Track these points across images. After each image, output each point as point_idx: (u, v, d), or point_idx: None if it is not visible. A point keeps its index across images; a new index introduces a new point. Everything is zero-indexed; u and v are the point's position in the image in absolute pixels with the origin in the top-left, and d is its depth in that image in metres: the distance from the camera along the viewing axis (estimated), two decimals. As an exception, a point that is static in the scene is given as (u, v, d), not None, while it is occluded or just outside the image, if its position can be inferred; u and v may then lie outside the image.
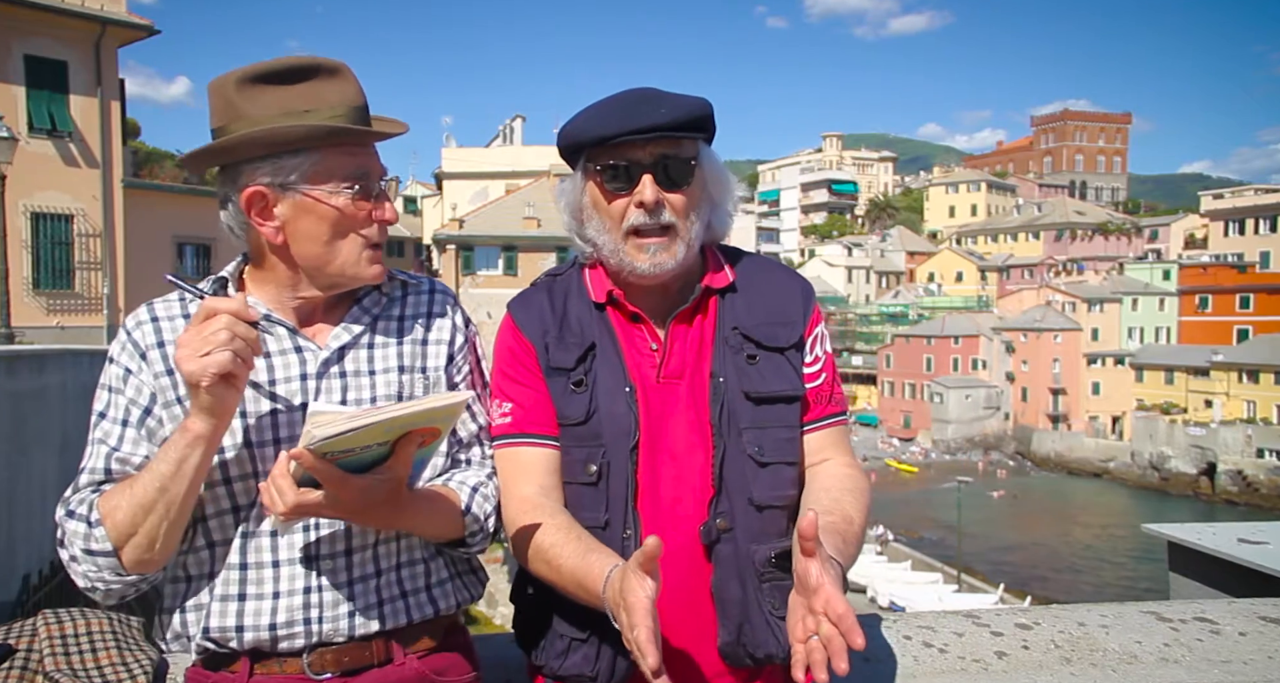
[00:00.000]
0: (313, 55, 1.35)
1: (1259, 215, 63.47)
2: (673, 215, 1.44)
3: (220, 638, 1.36)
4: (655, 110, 1.39)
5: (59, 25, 18.84)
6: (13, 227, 15.71)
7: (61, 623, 1.66)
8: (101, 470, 1.34)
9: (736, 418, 1.45)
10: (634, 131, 1.38)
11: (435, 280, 1.60)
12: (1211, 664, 2.05)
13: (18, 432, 9.03)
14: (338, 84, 1.34)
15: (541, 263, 34.83)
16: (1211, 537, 3.69)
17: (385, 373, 1.44)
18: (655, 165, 1.42)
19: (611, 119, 1.40)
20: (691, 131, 1.43)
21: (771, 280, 1.57)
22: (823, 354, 1.56)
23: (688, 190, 1.45)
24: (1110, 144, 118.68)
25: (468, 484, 1.47)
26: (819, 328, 1.57)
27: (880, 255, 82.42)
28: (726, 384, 1.46)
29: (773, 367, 1.48)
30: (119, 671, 1.61)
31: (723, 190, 1.52)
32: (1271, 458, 47.42)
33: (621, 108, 1.41)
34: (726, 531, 1.43)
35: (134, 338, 1.39)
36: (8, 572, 8.57)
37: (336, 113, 1.32)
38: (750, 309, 1.52)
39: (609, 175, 1.44)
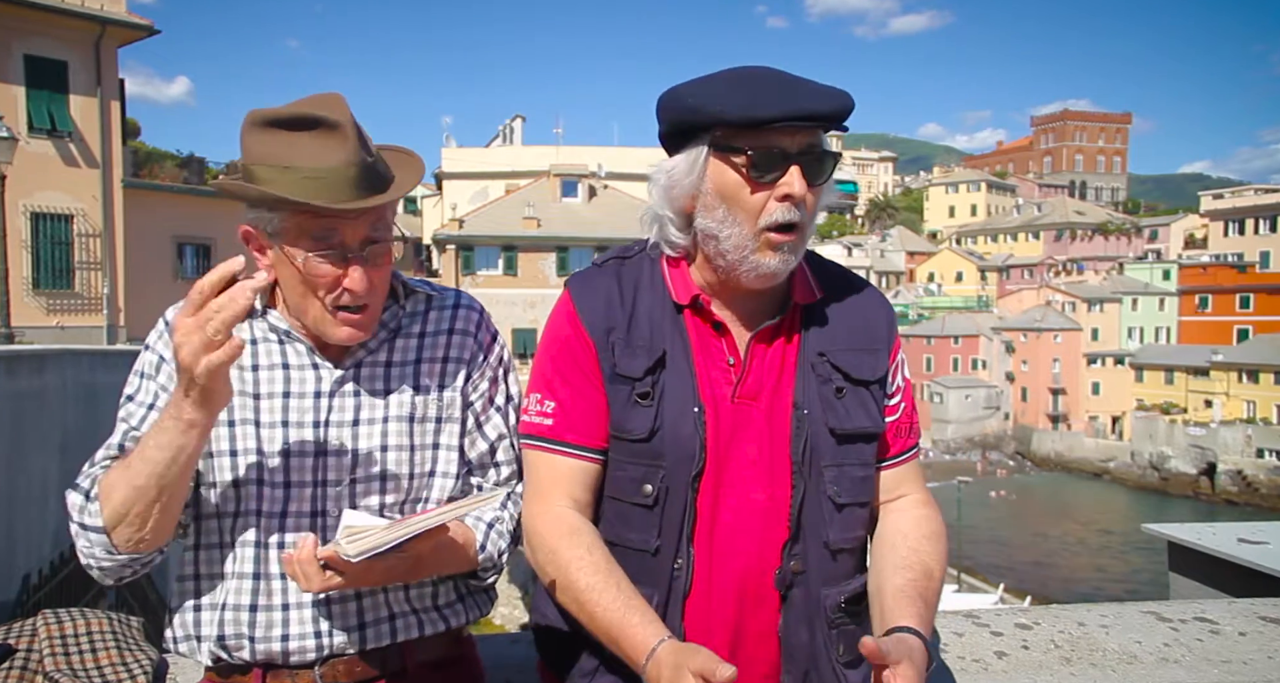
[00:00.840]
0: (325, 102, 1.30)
1: (1259, 215, 63.46)
2: (802, 215, 1.28)
3: (233, 646, 1.37)
4: (817, 96, 1.23)
5: (59, 25, 18.84)
6: (13, 227, 15.70)
7: (61, 623, 1.66)
8: (117, 446, 1.37)
9: (819, 455, 1.33)
10: (796, 117, 1.21)
11: (462, 294, 1.56)
12: (1211, 664, 2.04)
13: (18, 432, 9.03)
14: (329, 142, 1.28)
15: (541, 263, 34.84)
16: (1211, 537, 3.69)
17: (400, 392, 1.43)
18: (803, 156, 1.26)
19: (766, 99, 1.22)
20: (842, 125, 1.28)
21: (859, 301, 1.43)
22: (903, 383, 1.44)
23: (824, 188, 1.31)
24: (1110, 144, 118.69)
25: (484, 521, 1.46)
26: (900, 355, 1.45)
27: (880, 255, 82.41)
28: (810, 417, 1.33)
29: (858, 401, 1.36)
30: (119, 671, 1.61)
31: (830, 187, 1.36)
32: (1271, 458, 47.41)
33: (777, 88, 1.24)
34: (799, 573, 1.33)
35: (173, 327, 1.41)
36: (8, 572, 8.57)
37: (315, 175, 1.26)
38: (836, 333, 1.38)
39: (757, 162, 1.25)
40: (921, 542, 1.36)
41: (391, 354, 1.44)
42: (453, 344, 1.49)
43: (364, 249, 1.32)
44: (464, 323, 1.51)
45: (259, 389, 1.39)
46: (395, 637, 1.40)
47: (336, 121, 1.28)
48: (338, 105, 1.30)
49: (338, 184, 1.27)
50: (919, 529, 1.38)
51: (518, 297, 34.30)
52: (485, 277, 34.50)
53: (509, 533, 1.47)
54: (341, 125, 1.28)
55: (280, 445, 1.37)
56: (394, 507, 1.42)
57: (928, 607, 1.28)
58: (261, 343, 1.41)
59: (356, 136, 1.30)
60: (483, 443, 1.51)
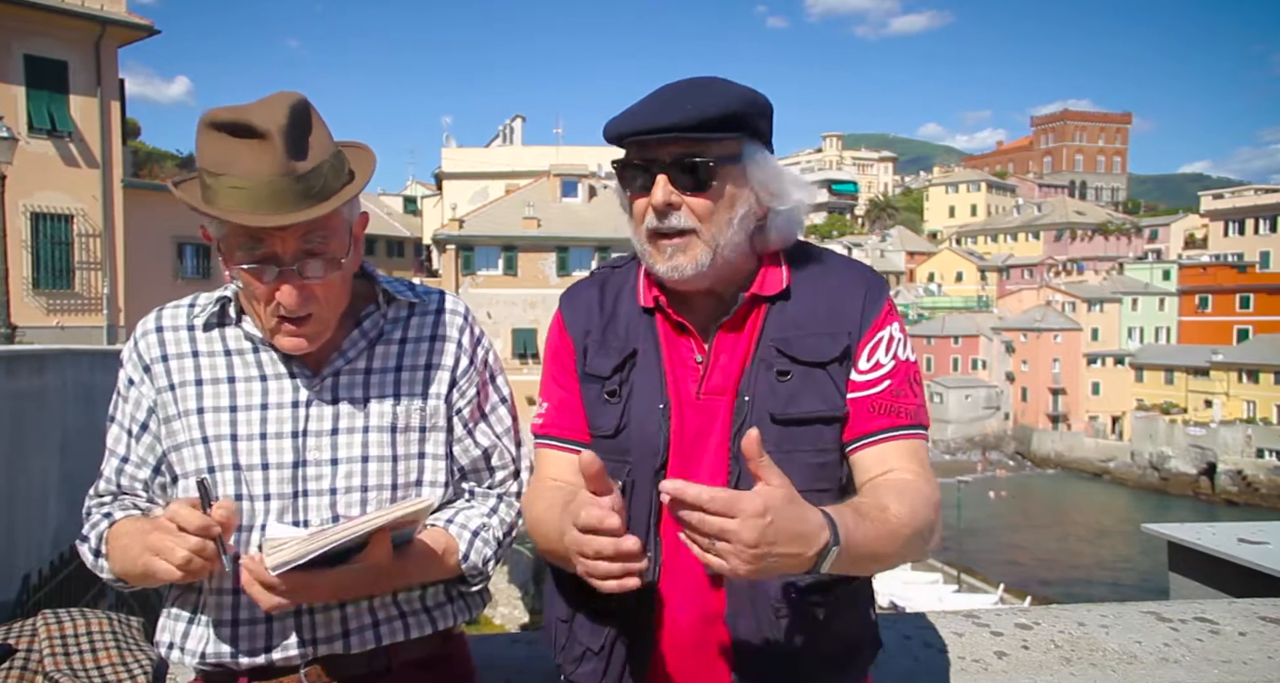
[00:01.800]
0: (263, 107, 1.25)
1: (1259, 215, 63.45)
2: (691, 219, 1.31)
3: (217, 662, 1.37)
4: (680, 107, 1.27)
5: (59, 25, 18.84)
6: (13, 227, 15.70)
7: (61, 623, 1.66)
8: (115, 484, 1.42)
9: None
10: (648, 131, 1.28)
11: (447, 297, 1.53)
12: (1211, 664, 2.04)
13: (18, 432, 9.03)
14: (257, 151, 1.22)
15: (541, 263, 34.83)
16: (1211, 537, 3.69)
17: (380, 401, 1.40)
18: (673, 165, 1.30)
19: (637, 116, 1.30)
20: (719, 131, 1.28)
21: (828, 284, 1.39)
22: (889, 360, 1.36)
23: (711, 193, 1.31)
24: (1110, 144, 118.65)
25: (469, 529, 1.43)
26: (885, 331, 1.37)
27: (880, 255, 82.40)
28: (752, 404, 1.32)
29: (809, 384, 1.33)
30: (119, 671, 1.61)
31: (775, 193, 1.35)
32: (1271, 458, 47.40)
33: (654, 103, 1.31)
34: None
35: (139, 348, 1.41)
36: (8, 572, 8.57)
37: (240, 184, 1.22)
38: (798, 319, 1.37)
39: (629, 175, 1.35)
40: (887, 493, 1.26)
41: (371, 361, 1.42)
42: (435, 350, 1.45)
43: (295, 262, 1.27)
44: (447, 328, 1.48)
45: (235, 402, 1.37)
46: (380, 641, 1.39)
47: (264, 130, 1.22)
48: (277, 110, 1.24)
49: (264, 196, 1.22)
50: (892, 486, 1.28)
51: (518, 297, 34.29)
52: (485, 277, 34.49)
53: (496, 540, 1.45)
54: (269, 134, 1.22)
55: (259, 458, 1.35)
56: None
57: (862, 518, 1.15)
58: (235, 355, 1.40)
59: (285, 146, 1.23)
60: (475, 450, 1.49)
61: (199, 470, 1.35)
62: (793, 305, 1.38)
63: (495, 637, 2.11)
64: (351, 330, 1.42)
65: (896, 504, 1.23)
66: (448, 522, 1.44)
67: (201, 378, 1.39)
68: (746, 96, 1.31)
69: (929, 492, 1.30)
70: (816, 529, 1.08)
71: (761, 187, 1.34)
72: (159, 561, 1.21)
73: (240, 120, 1.22)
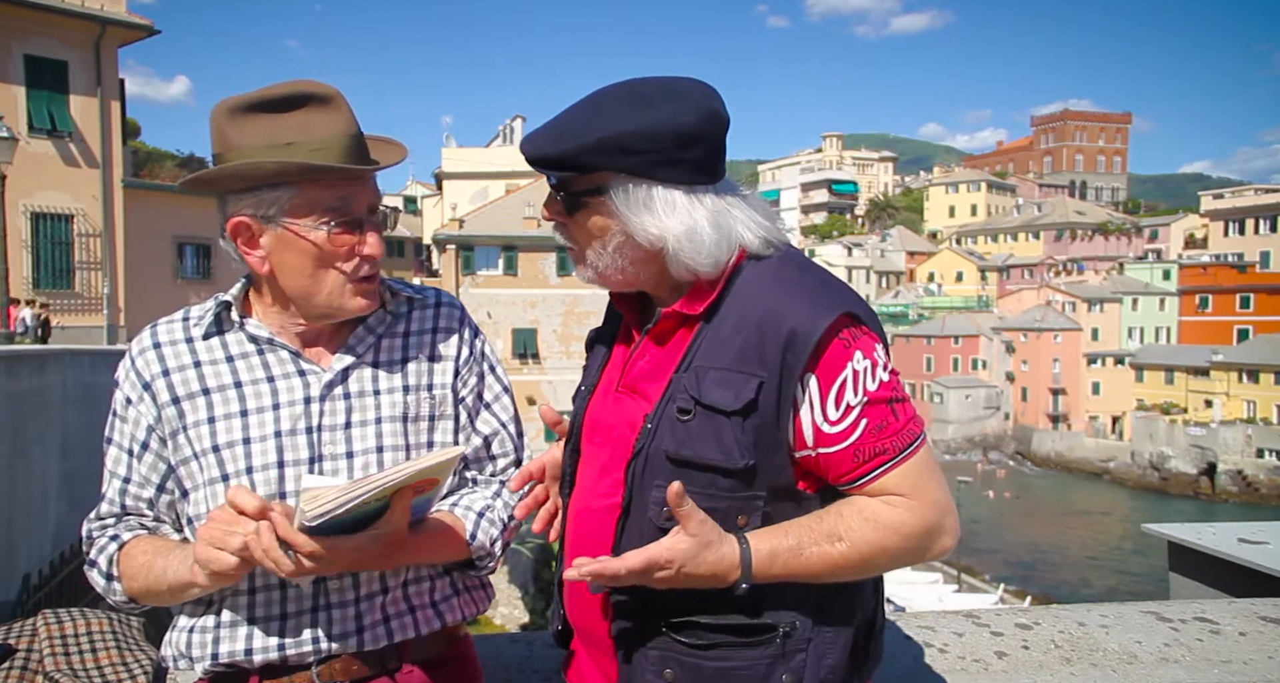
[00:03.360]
0: (306, 82, 1.32)
1: (1259, 215, 63.47)
2: (570, 240, 1.36)
3: (231, 661, 1.37)
4: (543, 139, 1.29)
5: (59, 25, 18.85)
6: (13, 227, 15.71)
7: (61, 623, 1.66)
8: (119, 505, 1.41)
9: (651, 473, 1.26)
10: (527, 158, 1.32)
11: (442, 293, 1.57)
12: (1211, 664, 2.05)
13: (18, 432, 9.03)
14: (326, 114, 1.31)
15: (541, 263, 34.83)
16: (1211, 537, 3.68)
17: (390, 393, 1.43)
18: (554, 188, 1.34)
19: (528, 137, 1.33)
20: (572, 169, 1.26)
21: (757, 313, 1.25)
22: (859, 399, 1.23)
23: (577, 220, 1.32)
24: (1110, 144, 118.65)
25: (474, 510, 1.46)
26: (845, 372, 1.23)
27: (880, 255, 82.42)
28: (653, 433, 1.26)
29: (708, 429, 1.23)
30: (119, 671, 1.62)
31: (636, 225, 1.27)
32: (1271, 458, 47.42)
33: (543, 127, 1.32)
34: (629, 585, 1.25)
35: (137, 367, 1.40)
36: (8, 572, 8.57)
37: (319, 145, 1.28)
38: (716, 350, 1.26)
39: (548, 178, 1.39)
40: (852, 516, 1.24)
41: (379, 355, 1.44)
42: (438, 342, 1.50)
43: (374, 215, 1.36)
44: (447, 321, 1.52)
45: (245, 406, 1.37)
46: (392, 638, 1.40)
47: (326, 94, 1.31)
48: (317, 83, 1.32)
49: (348, 151, 1.30)
50: (861, 509, 1.25)
51: (518, 297, 34.30)
52: (485, 277, 34.51)
53: (502, 521, 1.47)
54: (331, 96, 1.32)
55: (274, 456, 1.36)
56: None
57: (796, 552, 1.20)
58: (239, 359, 1.40)
59: (348, 108, 1.34)
60: (476, 438, 1.52)
61: (212, 480, 1.35)
62: (718, 331, 1.27)
63: (495, 637, 2.12)
64: (357, 327, 1.45)
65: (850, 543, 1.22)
66: (452, 506, 1.46)
67: (208, 387, 1.39)
68: (603, 135, 1.22)
69: (907, 520, 1.24)
70: (727, 570, 1.20)
71: (628, 221, 1.27)
72: (214, 552, 1.19)
73: (299, 92, 1.30)
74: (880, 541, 1.23)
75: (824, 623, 1.29)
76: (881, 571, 1.30)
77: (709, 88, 1.29)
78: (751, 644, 1.26)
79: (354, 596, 1.38)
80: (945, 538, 1.27)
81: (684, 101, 1.25)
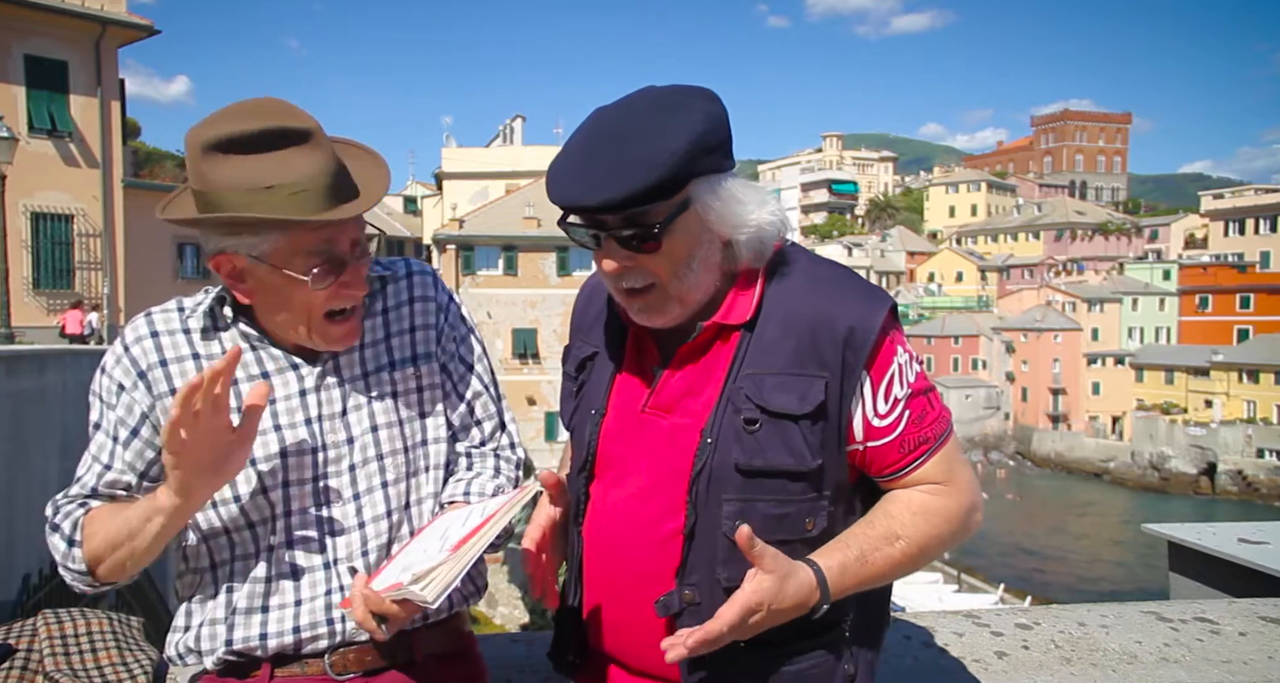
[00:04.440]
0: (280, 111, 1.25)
1: (1259, 215, 63.45)
2: (647, 277, 1.24)
3: (245, 649, 1.37)
4: (608, 181, 1.16)
5: (59, 25, 18.85)
6: (13, 227, 15.71)
7: (61, 623, 1.66)
8: (90, 488, 1.37)
9: (719, 487, 1.24)
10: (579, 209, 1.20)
11: (411, 261, 1.56)
12: (1211, 664, 2.04)
13: (18, 432, 9.03)
14: (305, 153, 1.25)
15: (541, 263, 34.83)
16: (1211, 537, 3.68)
17: (379, 372, 1.44)
18: (617, 230, 1.21)
19: (566, 186, 1.20)
20: (656, 200, 1.17)
21: (806, 313, 1.26)
22: (904, 391, 1.27)
23: (663, 251, 1.22)
24: (1110, 144, 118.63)
25: (486, 494, 1.48)
26: (892, 366, 1.27)
27: (880, 255, 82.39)
28: (715, 447, 1.25)
29: (777, 435, 1.23)
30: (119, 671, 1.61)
31: (734, 223, 1.24)
32: (1271, 458, 47.41)
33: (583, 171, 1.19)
34: (693, 604, 1.26)
35: (132, 354, 1.39)
36: (8, 572, 8.57)
37: (300, 188, 1.23)
38: (769, 354, 1.26)
39: (577, 234, 1.26)
40: (903, 511, 1.28)
41: (363, 337, 1.44)
42: (416, 312, 1.50)
43: (355, 251, 1.33)
44: (421, 289, 1.52)
45: (243, 402, 1.36)
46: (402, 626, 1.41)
47: (306, 130, 1.25)
48: (295, 111, 1.26)
49: (323, 192, 1.25)
50: (909, 502, 1.29)
51: (518, 296, 34.30)
52: (485, 277, 34.50)
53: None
54: (311, 132, 1.25)
55: (276, 449, 1.37)
56: (395, 483, 1.43)
57: (862, 561, 1.23)
58: None
59: (327, 140, 1.28)
60: (461, 404, 1.53)
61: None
62: (764, 336, 1.27)
63: (495, 637, 2.12)
64: None
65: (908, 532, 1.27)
66: (465, 494, 1.47)
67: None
68: (684, 145, 1.16)
69: (950, 506, 1.30)
70: (808, 595, 1.20)
71: (719, 221, 1.24)
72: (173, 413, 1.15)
73: (276, 128, 1.23)
74: (933, 530, 1.28)
75: (867, 614, 1.35)
76: (933, 559, 1.37)
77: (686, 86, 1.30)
78: (821, 643, 1.31)
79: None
80: (978, 514, 1.35)
81: (698, 95, 1.25)
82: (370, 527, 1.40)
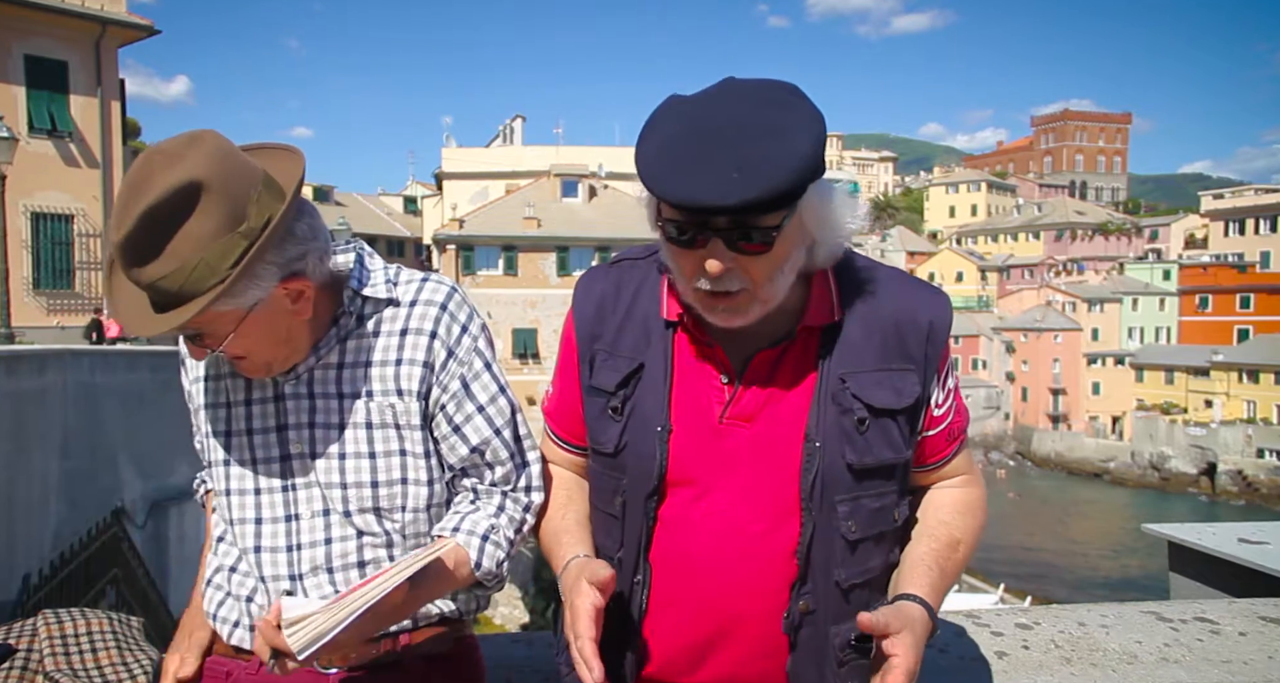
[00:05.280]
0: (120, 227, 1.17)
1: (1259, 215, 63.46)
2: (745, 281, 1.19)
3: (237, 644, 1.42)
4: (735, 184, 1.09)
5: (59, 25, 18.85)
6: (13, 227, 15.71)
7: (61, 623, 1.66)
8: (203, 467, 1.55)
9: (832, 490, 1.25)
10: (694, 208, 1.12)
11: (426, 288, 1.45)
12: (1211, 664, 2.04)
13: (18, 432, 9.03)
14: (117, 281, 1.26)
15: (542, 263, 34.84)
16: (1212, 537, 3.69)
17: (352, 397, 1.38)
18: (728, 231, 1.15)
19: (681, 179, 1.12)
20: (780, 207, 1.13)
21: (893, 311, 1.29)
22: (952, 385, 1.38)
23: (770, 255, 1.18)
24: (1110, 144, 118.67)
25: (477, 534, 1.41)
26: (949, 361, 1.37)
27: (880, 255, 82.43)
28: (824, 450, 1.24)
29: (881, 432, 1.27)
30: (119, 671, 1.62)
31: (830, 225, 1.23)
32: (1271, 458, 47.41)
33: (701, 168, 1.11)
34: (808, 613, 1.27)
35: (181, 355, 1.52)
36: (8, 572, 8.57)
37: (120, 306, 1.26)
38: (864, 353, 1.27)
39: (671, 232, 1.19)
40: (954, 514, 1.38)
41: (344, 356, 1.39)
42: (406, 345, 1.39)
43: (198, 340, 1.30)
44: (420, 322, 1.39)
45: (223, 398, 1.43)
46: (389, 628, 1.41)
47: (110, 260, 1.24)
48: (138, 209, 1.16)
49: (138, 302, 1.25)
50: (954, 502, 1.39)
51: (518, 296, 34.30)
52: (485, 277, 34.50)
53: (508, 540, 1.44)
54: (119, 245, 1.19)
55: (248, 453, 1.40)
56: (364, 512, 1.39)
57: (944, 576, 1.31)
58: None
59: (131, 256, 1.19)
60: (463, 447, 1.42)
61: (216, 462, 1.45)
62: (849, 336, 1.27)
63: (495, 637, 2.11)
64: (328, 329, 1.39)
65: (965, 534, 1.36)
66: (454, 530, 1.41)
67: (198, 376, 1.47)
68: (809, 151, 1.12)
69: (978, 500, 1.42)
70: (926, 632, 1.22)
71: (818, 223, 1.22)
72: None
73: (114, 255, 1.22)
74: (978, 524, 1.39)
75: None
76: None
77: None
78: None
79: (333, 592, 1.38)
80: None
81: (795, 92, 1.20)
82: (337, 545, 1.40)
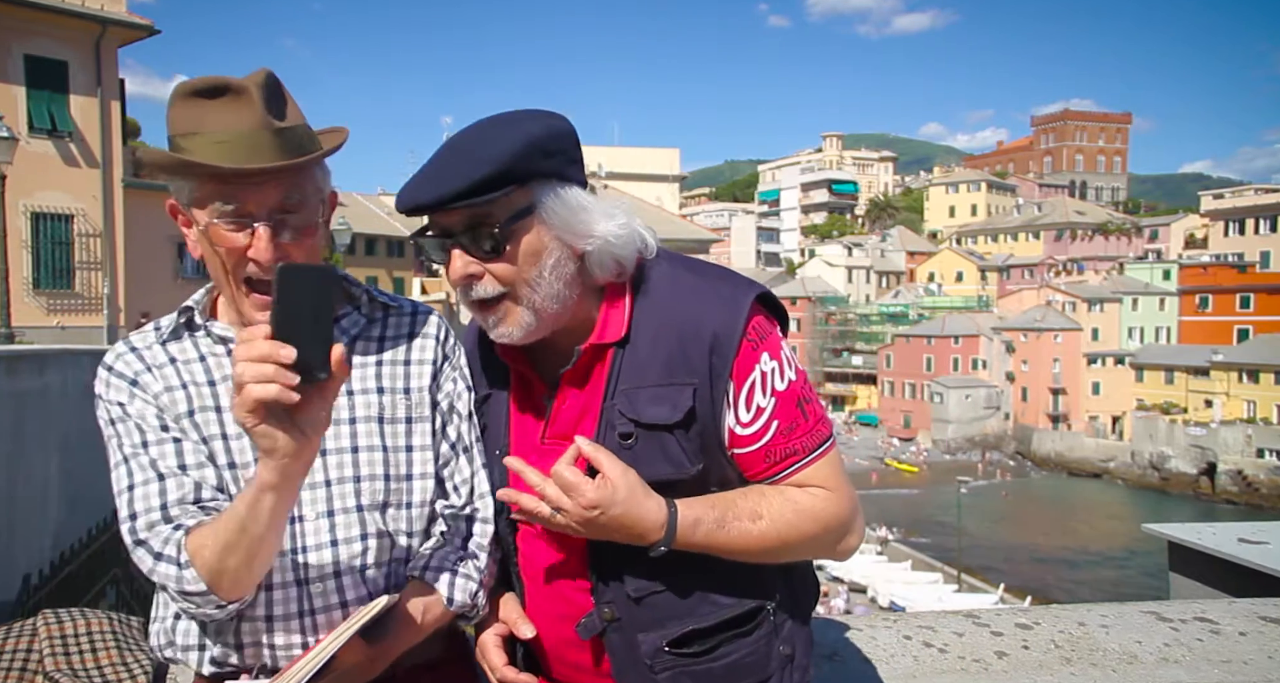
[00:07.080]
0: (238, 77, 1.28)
1: (1259, 215, 63.46)
2: (497, 285, 1.25)
3: (221, 658, 1.36)
4: (444, 178, 1.21)
5: (59, 25, 18.85)
6: (13, 227, 15.69)
7: (61, 623, 1.66)
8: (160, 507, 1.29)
9: None
10: (417, 208, 1.24)
11: (419, 304, 1.56)
12: (1211, 664, 2.05)
13: (18, 432, 9.03)
14: (232, 107, 1.26)
15: (541, 263, 34.81)
16: (1211, 537, 3.69)
17: (364, 393, 1.41)
18: (463, 234, 1.24)
19: (409, 188, 1.25)
20: (493, 191, 1.20)
21: (673, 322, 1.29)
22: (769, 400, 1.28)
23: (509, 255, 1.24)
24: (1110, 144, 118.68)
25: (445, 569, 1.41)
26: (754, 373, 1.28)
27: (880, 255, 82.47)
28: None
29: (654, 448, 1.27)
30: (119, 671, 1.62)
31: (578, 233, 1.26)
32: (1271, 458, 47.41)
33: (425, 172, 1.25)
34: (613, 620, 1.32)
35: (117, 369, 1.40)
36: (8, 572, 8.57)
37: (218, 138, 1.25)
38: (641, 368, 1.29)
39: (428, 247, 1.30)
40: (775, 497, 1.29)
41: (352, 355, 1.41)
42: (414, 346, 1.47)
43: (272, 217, 1.28)
44: (423, 327, 1.50)
45: (219, 403, 1.37)
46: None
47: (241, 86, 1.27)
48: (255, 75, 1.29)
49: (244, 148, 1.25)
50: (784, 492, 1.30)
51: (518, 297, 34.28)
52: (485, 277, 34.49)
53: (478, 570, 1.43)
54: (246, 90, 1.27)
55: (251, 455, 1.34)
56: (371, 508, 1.38)
57: (719, 524, 1.25)
58: (210, 358, 1.39)
59: (264, 101, 1.27)
60: (444, 444, 1.47)
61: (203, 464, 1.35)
62: (637, 350, 1.30)
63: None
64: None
65: (770, 520, 1.27)
66: (423, 569, 1.41)
67: (184, 382, 1.38)
68: (519, 144, 1.21)
69: (825, 509, 1.29)
70: (651, 526, 1.22)
71: (565, 228, 1.26)
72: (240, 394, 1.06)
73: (216, 82, 1.27)
74: (799, 524, 1.28)
75: (792, 591, 1.39)
76: (792, 558, 1.35)
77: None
78: (749, 630, 1.33)
79: (339, 599, 1.37)
80: (853, 537, 1.34)
81: (539, 113, 1.29)
82: (344, 548, 1.36)
